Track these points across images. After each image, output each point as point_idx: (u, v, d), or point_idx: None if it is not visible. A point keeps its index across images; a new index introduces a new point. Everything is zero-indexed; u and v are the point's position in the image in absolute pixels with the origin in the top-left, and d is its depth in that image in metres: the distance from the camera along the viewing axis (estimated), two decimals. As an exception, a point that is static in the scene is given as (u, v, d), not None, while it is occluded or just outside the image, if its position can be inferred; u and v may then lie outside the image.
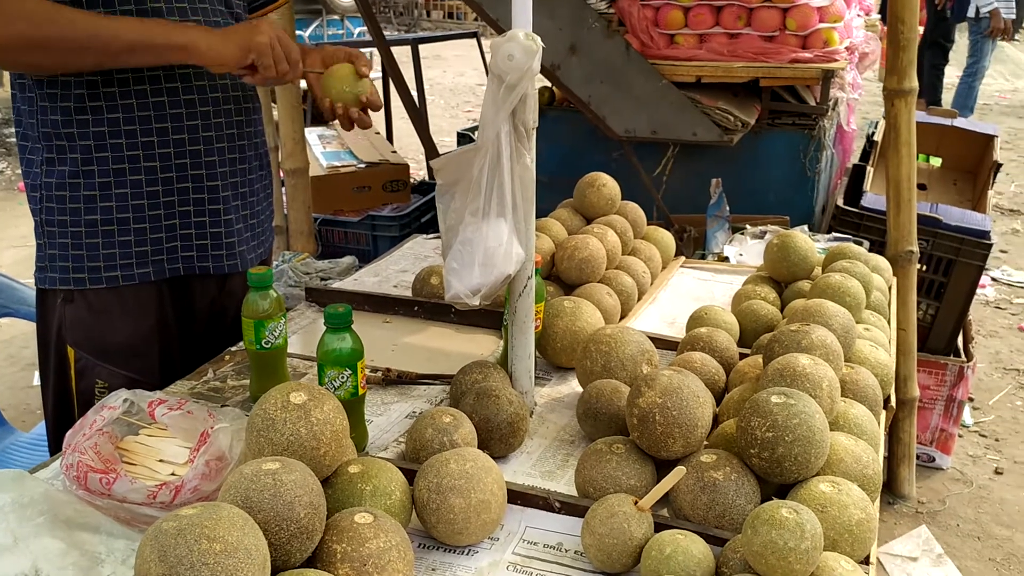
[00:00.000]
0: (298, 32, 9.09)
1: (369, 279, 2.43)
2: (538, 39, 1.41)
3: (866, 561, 1.23)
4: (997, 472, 3.60)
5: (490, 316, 2.01)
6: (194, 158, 1.76)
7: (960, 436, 3.75)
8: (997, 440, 3.84)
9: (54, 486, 1.34)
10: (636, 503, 1.24)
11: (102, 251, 1.73)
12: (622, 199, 2.38)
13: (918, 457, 3.47)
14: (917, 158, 3.09)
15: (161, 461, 1.40)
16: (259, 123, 1.94)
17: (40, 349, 1.84)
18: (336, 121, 1.80)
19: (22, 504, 1.23)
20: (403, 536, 1.15)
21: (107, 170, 1.70)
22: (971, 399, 4.08)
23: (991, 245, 3.35)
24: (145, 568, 0.93)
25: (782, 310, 2.00)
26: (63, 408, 1.81)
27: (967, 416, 3.94)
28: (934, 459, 3.57)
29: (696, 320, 1.90)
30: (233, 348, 1.91)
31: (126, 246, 1.74)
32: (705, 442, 1.41)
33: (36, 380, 4.34)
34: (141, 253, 1.76)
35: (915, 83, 2.86)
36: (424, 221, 4.42)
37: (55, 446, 1.83)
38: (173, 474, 1.36)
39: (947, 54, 9.04)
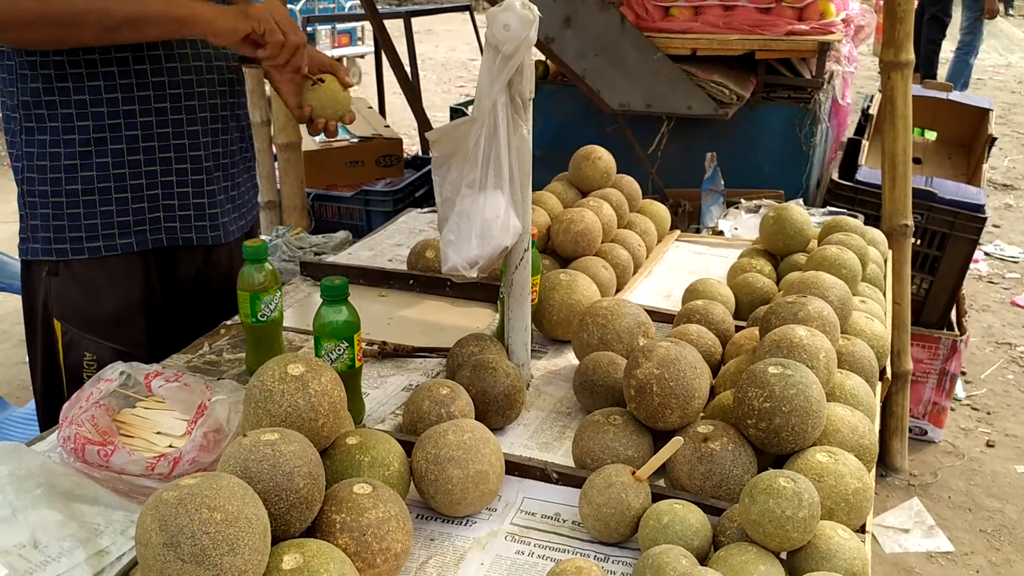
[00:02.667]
0: (289, 6, 9.02)
1: (364, 253, 2.42)
2: (535, 8, 1.39)
3: (862, 529, 1.24)
4: (989, 445, 3.63)
5: (486, 289, 2.01)
6: (176, 127, 1.75)
7: (952, 409, 3.77)
8: (989, 413, 3.86)
9: (51, 459, 1.34)
10: (633, 473, 1.24)
11: (84, 221, 1.72)
12: (617, 173, 2.37)
13: (911, 430, 3.49)
14: (912, 132, 3.09)
15: (159, 433, 1.39)
16: (242, 95, 1.92)
17: (27, 324, 1.84)
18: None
19: (19, 476, 1.23)
20: (402, 506, 1.15)
21: (88, 139, 1.68)
22: (963, 373, 4.11)
23: (985, 219, 3.36)
24: (146, 537, 0.93)
25: (778, 283, 2.00)
26: (52, 382, 1.81)
27: (959, 390, 3.96)
28: (926, 432, 3.59)
29: (692, 293, 1.90)
30: (228, 322, 1.91)
31: (108, 216, 1.73)
32: (702, 413, 1.41)
33: (29, 356, 4.33)
34: (123, 223, 1.75)
35: (911, 56, 2.85)
36: (417, 196, 4.41)
37: (45, 421, 1.82)
38: (171, 446, 1.36)
39: (945, 29, 9.00)
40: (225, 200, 1.88)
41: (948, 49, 9.87)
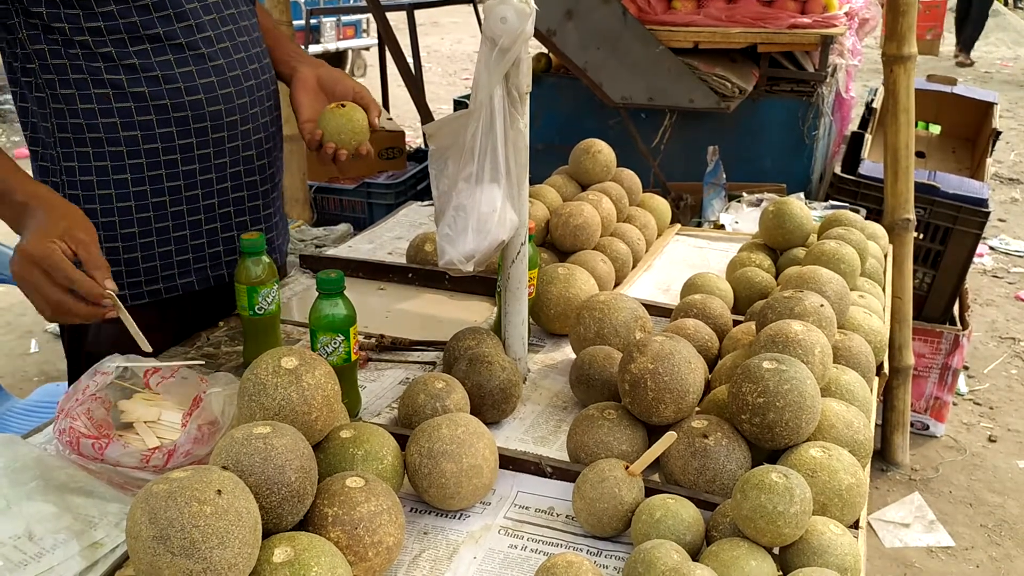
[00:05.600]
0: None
1: (364, 246, 2.42)
2: (531, 1, 1.39)
3: (855, 525, 1.23)
4: (991, 440, 3.62)
5: (484, 283, 2.01)
6: (233, 155, 1.68)
7: (954, 404, 3.77)
8: (991, 408, 3.86)
9: (48, 451, 1.34)
10: (627, 468, 1.24)
11: (142, 265, 1.65)
12: (619, 166, 2.36)
13: (912, 425, 3.49)
14: (916, 125, 3.08)
15: (156, 422, 1.40)
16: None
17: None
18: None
19: (14, 468, 1.24)
20: (394, 500, 1.15)
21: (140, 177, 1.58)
22: (966, 367, 4.10)
23: (988, 213, 3.34)
24: (136, 530, 0.93)
25: (777, 277, 1.99)
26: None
27: (962, 384, 3.95)
28: (928, 427, 3.59)
29: (690, 287, 1.90)
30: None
31: (167, 256, 1.66)
32: (697, 408, 1.41)
33: (33, 347, 4.35)
34: (183, 263, 1.69)
35: (914, 49, 2.83)
36: (420, 188, 4.41)
37: None
38: (161, 438, 1.36)
39: None
40: (280, 219, 1.87)
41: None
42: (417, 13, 5.51)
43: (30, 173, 1.63)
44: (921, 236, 3.34)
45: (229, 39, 1.65)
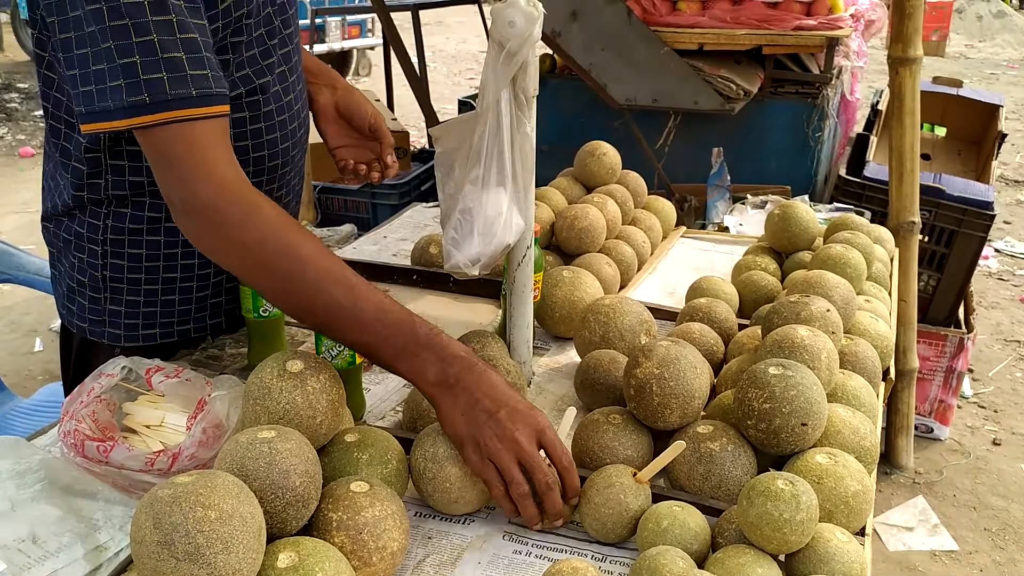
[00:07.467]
0: (298, -3, 8.99)
1: (368, 247, 2.42)
2: (539, 5, 1.39)
3: (862, 532, 1.23)
4: (995, 443, 3.62)
5: (489, 285, 2.00)
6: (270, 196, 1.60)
7: (959, 407, 3.76)
8: (996, 411, 3.85)
9: (52, 453, 1.34)
10: (635, 475, 1.24)
11: (178, 307, 1.62)
12: (623, 168, 2.36)
13: (916, 428, 3.48)
14: (921, 127, 3.07)
15: (160, 426, 1.39)
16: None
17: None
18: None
19: (19, 471, 1.23)
20: (399, 505, 1.15)
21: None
22: (971, 370, 4.09)
23: (994, 216, 3.34)
24: (140, 535, 0.93)
25: (782, 281, 1.99)
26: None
27: (966, 387, 3.95)
28: (932, 430, 3.58)
29: (695, 290, 1.89)
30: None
31: (202, 300, 1.64)
32: (703, 413, 1.41)
33: (37, 346, 4.36)
34: (216, 305, 1.66)
35: (920, 51, 2.83)
36: (424, 189, 4.41)
37: None
38: (162, 442, 1.36)
39: None
40: None
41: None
42: (422, 13, 5.51)
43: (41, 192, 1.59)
44: (926, 239, 3.33)
45: (293, 90, 1.59)
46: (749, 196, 3.20)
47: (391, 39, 3.76)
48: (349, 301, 1.23)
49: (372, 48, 10.28)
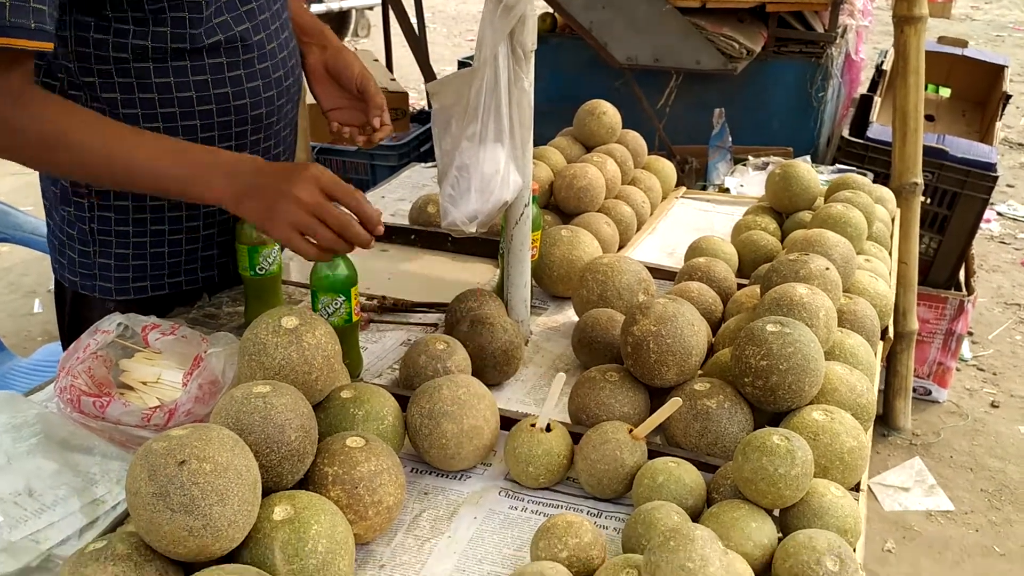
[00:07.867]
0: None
1: (366, 207, 2.41)
2: (536, -44, 1.36)
3: (856, 488, 1.23)
4: (993, 405, 3.63)
5: (487, 244, 1.99)
6: (254, 148, 1.61)
7: (958, 370, 3.76)
8: (995, 374, 3.85)
9: (49, 408, 1.34)
10: (631, 431, 1.24)
11: (168, 260, 1.62)
12: (623, 128, 2.34)
13: (915, 390, 3.49)
14: (926, 88, 3.04)
15: (158, 382, 1.39)
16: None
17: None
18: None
19: (15, 425, 1.24)
20: (395, 460, 1.15)
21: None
22: (971, 333, 4.09)
23: (996, 178, 3.31)
24: (135, 487, 0.93)
25: (783, 241, 1.98)
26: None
27: (966, 350, 3.95)
28: (931, 392, 3.59)
29: (694, 250, 1.88)
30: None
31: (192, 253, 1.64)
32: (700, 371, 1.41)
33: (37, 307, 4.36)
34: (207, 258, 1.66)
35: (925, 9, 2.79)
36: (423, 151, 4.37)
37: None
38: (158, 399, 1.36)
39: None
40: None
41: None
42: (421, -28, 5.42)
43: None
44: (928, 200, 3.31)
45: (276, 38, 1.57)
46: (750, 157, 3.18)
47: (390, -2, 3.71)
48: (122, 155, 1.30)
49: (371, 8, 10.15)
